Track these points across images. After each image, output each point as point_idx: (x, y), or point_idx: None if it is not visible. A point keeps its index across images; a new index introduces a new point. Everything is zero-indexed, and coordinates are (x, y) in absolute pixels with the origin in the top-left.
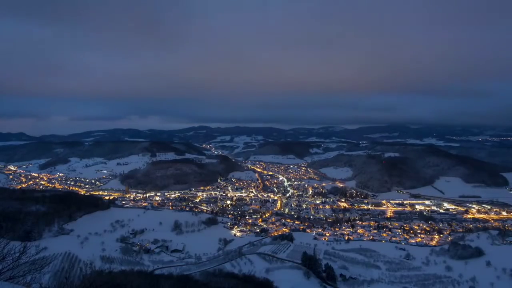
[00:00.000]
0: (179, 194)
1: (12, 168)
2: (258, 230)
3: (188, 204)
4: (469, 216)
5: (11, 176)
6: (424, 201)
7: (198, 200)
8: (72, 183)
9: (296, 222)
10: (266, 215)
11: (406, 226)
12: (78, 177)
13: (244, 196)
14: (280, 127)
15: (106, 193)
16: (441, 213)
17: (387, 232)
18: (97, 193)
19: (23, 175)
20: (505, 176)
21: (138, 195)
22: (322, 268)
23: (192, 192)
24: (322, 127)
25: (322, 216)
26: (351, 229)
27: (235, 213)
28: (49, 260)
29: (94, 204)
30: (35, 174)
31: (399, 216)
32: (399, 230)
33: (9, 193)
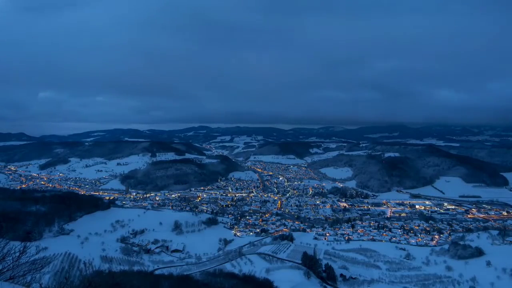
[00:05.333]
0: (179, 194)
1: (12, 168)
2: (258, 230)
3: (188, 204)
4: (469, 216)
5: (11, 176)
6: (424, 201)
7: (198, 200)
8: (72, 183)
9: (296, 222)
10: (266, 215)
11: (406, 226)
12: (78, 177)
13: (244, 196)
14: (280, 127)
15: (106, 193)
16: (441, 213)
17: (387, 232)
18: (97, 193)
19: (23, 175)
20: (505, 176)
21: (138, 195)
22: (322, 268)
23: (192, 192)
24: (322, 127)
25: (322, 216)
26: (351, 229)
27: (235, 213)
28: (49, 260)
29: (94, 204)
30: (35, 174)
31: (399, 216)
32: (399, 230)
33: (9, 193)
